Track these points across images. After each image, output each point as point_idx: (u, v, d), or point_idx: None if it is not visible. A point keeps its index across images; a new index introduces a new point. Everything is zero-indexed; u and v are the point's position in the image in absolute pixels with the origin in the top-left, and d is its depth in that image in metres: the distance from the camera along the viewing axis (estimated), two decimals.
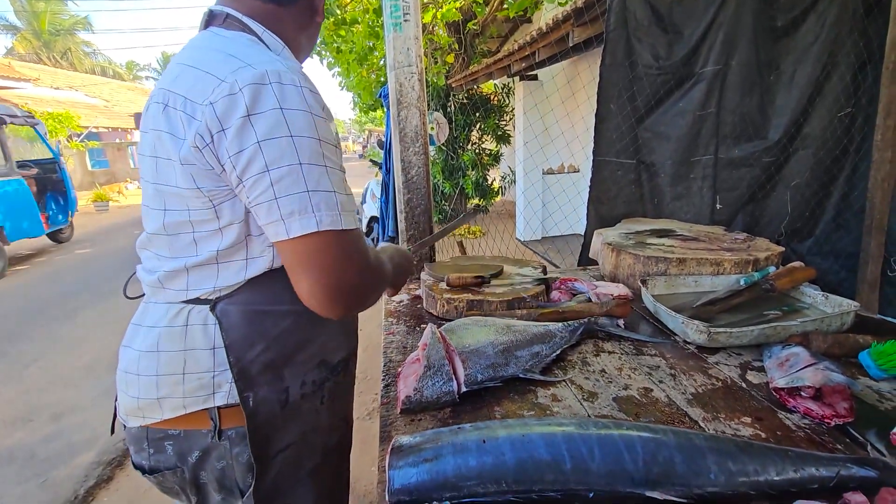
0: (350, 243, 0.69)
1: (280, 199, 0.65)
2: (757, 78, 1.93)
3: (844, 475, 0.65)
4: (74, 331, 4.13)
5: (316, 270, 0.67)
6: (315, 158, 0.66)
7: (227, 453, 0.80)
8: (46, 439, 2.61)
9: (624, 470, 0.64)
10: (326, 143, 0.68)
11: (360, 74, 7.72)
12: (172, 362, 0.76)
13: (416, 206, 1.76)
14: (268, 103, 0.64)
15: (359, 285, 0.70)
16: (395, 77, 1.64)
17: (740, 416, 0.86)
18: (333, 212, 0.67)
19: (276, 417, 0.80)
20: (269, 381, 0.79)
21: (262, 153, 0.64)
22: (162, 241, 0.77)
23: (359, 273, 0.70)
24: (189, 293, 0.77)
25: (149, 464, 0.81)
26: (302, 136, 0.65)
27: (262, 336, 0.78)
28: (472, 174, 7.54)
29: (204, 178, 0.69)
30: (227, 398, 0.78)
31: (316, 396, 0.87)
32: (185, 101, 0.67)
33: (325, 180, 0.67)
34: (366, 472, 2.25)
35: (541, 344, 1.06)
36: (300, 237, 0.66)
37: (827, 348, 1.02)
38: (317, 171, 0.66)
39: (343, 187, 0.70)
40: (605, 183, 2.09)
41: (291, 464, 0.85)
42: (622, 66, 1.96)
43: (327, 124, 0.70)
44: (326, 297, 0.67)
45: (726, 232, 1.84)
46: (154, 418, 0.78)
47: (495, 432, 0.69)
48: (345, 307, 0.69)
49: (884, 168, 1.83)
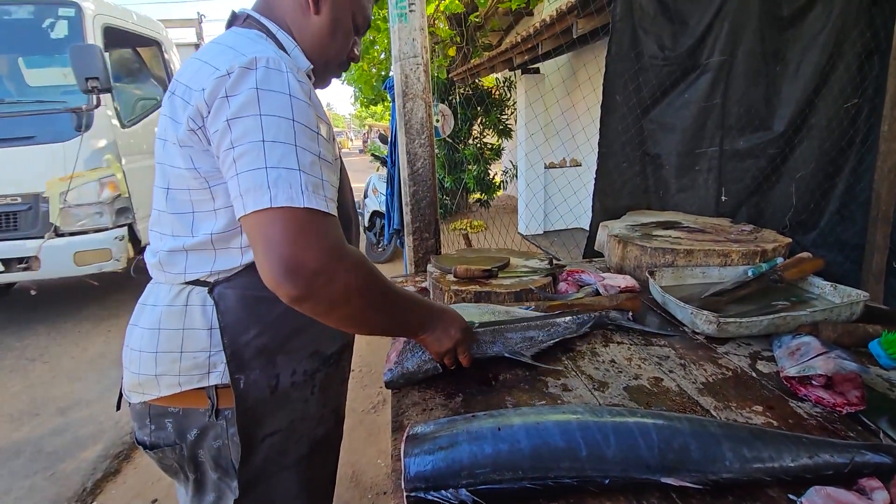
0: (312, 223, 0.65)
1: (240, 175, 0.65)
2: (762, 68, 1.92)
3: (859, 461, 0.65)
4: (79, 326, 4.13)
5: (265, 245, 0.64)
6: (281, 137, 0.65)
7: (223, 433, 0.83)
8: (53, 433, 2.62)
9: (639, 457, 0.64)
10: (302, 126, 0.67)
11: (360, 68, 7.69)
12: (172, 340, 0.79)
13: (421, 199, 1.76)
14: (247, 84, 0.66)
15: (319, 271, 0.63)
16: (401, 68, 1.63)
17: (751, 405, 0.86)
18: (293, 190, 0.64)
19: (264, 402, 0.83)
20: (262, 365, 0.82)
21: (230, 130, 0.66)
22: (166, 219, 0.81)
23: (320, 256, 0.64)
24: (187, 275, 0.80)
25: (150, 440, 0.84)
26: (271, 115, 0.65)
27: (256, 321, 0.80)
28: (473, 168, 7.53)
29: (200, 159, 0.73)
30: (221, 378, 0.80)
31: (307, 386, 0.89)
32: (185, 89, 0.72)
33: (290, 159, 0.65)
34: (372, 464, 2.26)
35: (537, 330, 1.06)
36: (253, 213, 0.64)
37: (837, 338, 1.02)
38: (280, 149, 0.65)
39: (316, 170, 0.68)
40: (610, 175, 2.09)
41: (278, 450, 0.87)
42: (628, 58, 1.95)
43: (310, 111, 0.70)
44: (277, 273, 0.63)
45: (732, 223, 1.83)
46: (152, 395, 0.82)
47: (510, 420, 0.69)
48: (297, 289, 0.63)
49: (891, 159, 1.83)
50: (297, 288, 0.63)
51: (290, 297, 0.64)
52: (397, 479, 0.68)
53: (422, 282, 1.64)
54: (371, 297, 0.71)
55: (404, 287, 1.60)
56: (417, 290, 1.56)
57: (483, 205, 7.94)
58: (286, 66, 0.70)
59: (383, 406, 2.75)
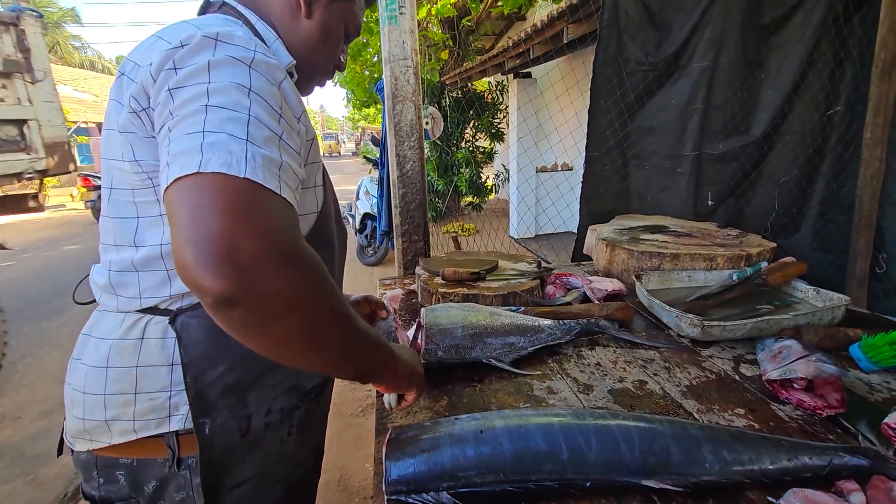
0: (255, 199, 0.48)
1: (171, 143, 0.51)
2: (743, 75, 1.95)
3: (837, 464, 0.66)
4: (63, 327, 4.07)
5: (186, 218, 0.46)
6: (230, 104, 0.52)
7: (186, 483, 0.72)
8: (35, 437, 2.58)
9: (620, 459, 0.64)
10: (260, 98, 0.55)
11: (353, 70, 7.69)
12: (123, 380, 0.68)
13: (411, 201, 1.76)
14: (200, 57, 0.56)
15: (259, 260, 0.46)
16: (391, 71, 1.63)
17: (734, 408, 0.87)
18: (233, 157, 0.48)
19: (233, 449, 0.72)
20: (230, 406, 0.70)
21: (172, 100, 0.54)
22: (108, 226, 0.70)
23: (262, 242, 0.46)
24: (143, 301, 0.68)
25: (98, 494, 0.74)
26: (222, 82, 0.54)
27: (226, 354, 0.69)
28: (465, 172, 7.55)
29: (142, 149, 0.62)
30: (184, 422, 0.69)
31: (283, 426, 0.79)
32: (133, 66, 0.63)
33: (237, 126, 0.51)
34: (360, 468, 2.25)
35: (519, 336, 1.06)
36: (176, 182, 0.48)
37: (819, 341, 1.03)
38: (225, 114, 0.51)
39: (272, 148, 0.53)
40: (597, 179, 2.10)
41: (248, 501, 0.77)
42: (614, 63, 1.97)
43: (273, 89, 0.58)
44: (199, 256, 0.45)
45: (719, 228, 1.85)
46: (102, 442, 0.70)
47: (492, 423, 0.69)
48: (225, 282, 0.45)
49: (873, 165, 1.85)
50: (225, 281, 0.45)
51: (214, 296, 0.45)
52: (379, 483, 0.67)
53: (410, 284, 1.64)
54: (325, 313, 0.53)
55: (389, 289, 1.59)
56: (406, 293, 1.55)
57: (475, 208, 7.96)
58: (257, 47, 0.60)
59: (372, 409, 2.74)
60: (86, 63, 30.76)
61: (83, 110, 16.89)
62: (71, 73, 21.58)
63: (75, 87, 19.51)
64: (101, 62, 33.34)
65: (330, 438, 1.08)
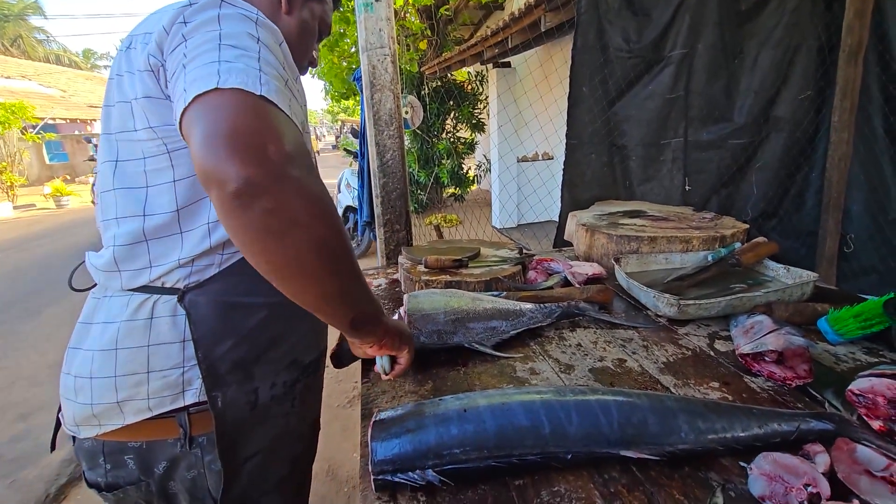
0: (273, 112, 0.52)
1: (187, 74, 0.54)
2: (722, 62, 1.99)
3: (804, 429, 0.69)
4: (38, 329, 3.97)
5: (211, 120, 0.49)
6: (242, 45, 0.56)
7: (198, 462, 0.74)
8: (14, 439, 2.52)
9: (600, 432, 0.66)
10: (267, 48, 0.59)
11: (330, 61, 7.57)
12: (134, 360, 0.69)
13: (392, 191, 1.75)
14: (209, 12, 0.60)
15: (286, 157, 0.49)
16: (368, 59, 1.62)
17: (709, 382, 0.90)
18: (249, 77, 0.52)
19: (244, 421, 0.74)
20: (239, 380, 0.73)
21: (186, 43, 0.58)
22: (110, 200, 0.70)
23: (284, 145, 0.49)
24: (152, 270, 0.69)
25: (105, 480, 0.74)
26: (233, 29, 0.58)
27: (232, 331, 0.71)
28: (447, 163, 7.53)
29: (157, 114, 0.64)
30: (198, 395, 0.71)
31: (287, 399, 0.81)
32: (144, 35, 0.65)
33: (250, 60, 0.54)
34: (348, 458, 2.26)
35: (501, 320, 1.08)
36: (194, 101, 0.51)
37: (789, 316, 1.07)
38: (238, 52, 0.55)
39: (280, 84, 0.56)
40: (578, 166, 2.12)
41: (259, 473, 0.79)
42: (594, 50, 1.99)
43: (277, 45, 0.62)
44: (228, 145, 0.47)
45: (695, 212, 1.89)
46: (113, 424, 0.70)
47: (476, 402, 0.70)
48: (256, 168, 0.46)
49: (840, 148, 1.91)
50: (256, 168, 0.46)
51: (242, 180, 0.46)
52: (366, 464, 0.68)
53: (393, 273, 1.64)
54: (339, 237, 0.55)
55: (372, 279, 1.59)
56: (389, 282, 1.56)
57: (457, 199, 7.96)
58: (257, 12, 0.64)
59: (358, 401, 2.74)
60: (51, 57, 29.63)
61: (50, 106, 16.31)
62: (36, 68, 20.80)
63: (41, 82, 18.81)
64: (68, 56, 32.17)
65: None
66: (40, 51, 28.81)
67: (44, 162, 16.13)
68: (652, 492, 0.63)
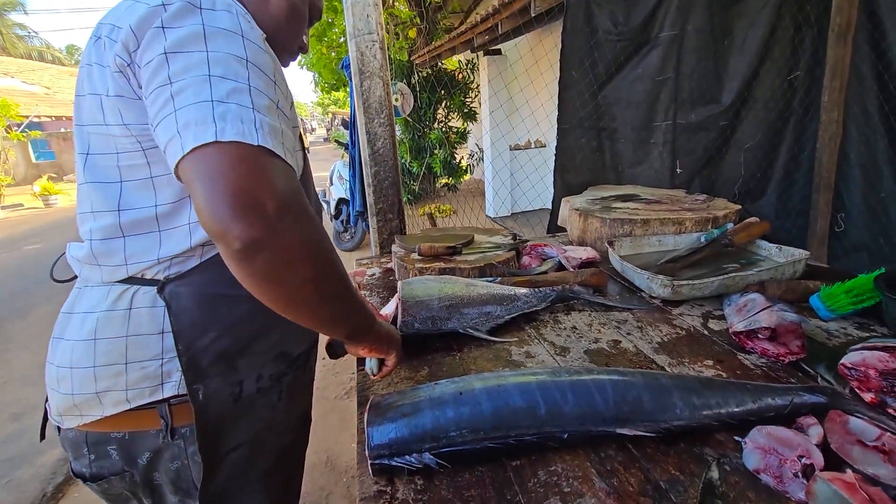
0: (270, 164, 0.53)
1: (178, 112, 0.53)
2: (711, 43, 1.98)
3: (797, 402, 0.69)
4: (28, 329, 3.93)
5: (211, 178, 0.51)
6: (231, 74, 0.55)
7: (181, 453, 0.73)
8: (7, 440, 2.50)
9: (595, 411, 0.66)
10: (257, 69, 0.58)
11: (319, 52, 7.48)
12: (113, 350, 0.68)
13: (383, 179, 1.74)
14: (191, 20, 0.57)
15: (282, 210, 0.52)
16: (356, 46, 1.60)
17: (703, 360, 0.90)
18: (244, 125, 0.53)
19: (227, 414, 0.74)
20: (222, 372, 0.72)
21: (168, 65, 0.55)
22: (85, 192, 0.69)
23: (282, 196, 0.52)
24: (129, 267, 0.68)
25: (90, 471, 0.74)
26: (220, 51, 0.56)
27: (215, 322, 0.70)
28: (439, 153, 7.49)
29: (130, 112, 0.62)
30: (177, 388, 0.70)
31: (273, 392, 0.80)
32: (111, 28, 0.62)
33: (242, 96, 0.54)
34: (346, 449, 2.26)
35: (495, 305, 1.07)
36: (193, 150, 0.51)
37: (781, 294, 1.07)
38: (230, 85, 0.54)
39: (273, 116, 0.57)
40: (569, 151, 2.12)
41: (242, 465, 0.78)
42: (583, 33, 1.97)
43: (266, 58, 0.61)
44: (228, 207, 0.50)
45: (687, 194, 1.90)
46: (93, 416, 0.70)
47: (471, 385, 0.70)
48: (255, 228, 0.50)
49: (830, 128, 1.92)
50: (256, 229, 0.50)
51: (245, 241, 0.50)
52: (363, 450, 0.68)
53: (387, 263, 1.64)
54: (333, 266, 0.60)
55: (367, 268, 1.58)
56: (383, 271, 1.55)
57: (451, 189, 7.93)
58: (238, 10, 0.61)
59: (355, 392, 2.75)
60: (33, 53, 29.03)
61: (34, 103, 16.02)
62: (18, 65, 20.39)
63: (24, 80, 18.46)
64: (50, 52, 31.54)
65: (315, 421, 1.08)
66: (21, 47, 28.18)
67: (30, 161, 15.87)
68: (648, 468, 0.63)
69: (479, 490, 0.62)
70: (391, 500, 0.61)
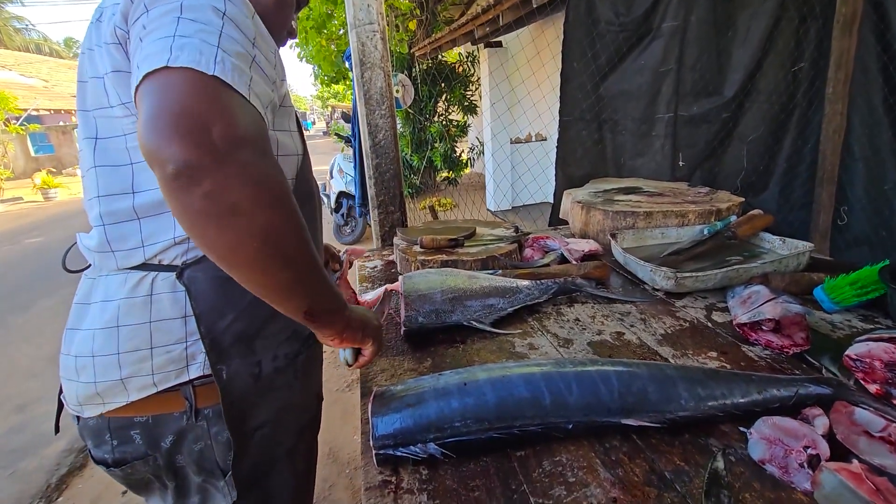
0: (225, 94, 0.49)
1: (142, 49, 0.52)
2: (714, 34, 1.96)
3: (803, 393, 0.69)
4: (30, 322, 3.94)
5: (156, 99, 0.48)
6: (203, 20, 0.53)
7: (204, 434, 0.74)
8: (11, 431, 2.51)
9: (600, 401, 0.66)
10: (233, 23, 0.55)
11: (318, 44, 7.42)
12: (137, 337, 0.69)
13: (385, 171, 1.73)
14: None
15: (232, 140, 0.47)
16: (357, 36, 1.58)
17: (707, 352, 0.90)
18: (203, 56, 0.49)
19: (249, 393, 0.75)
20: (241, 353, 0.73)
21: (147, 13, 0.55)
22: (93, 177, 0.68)
23: (233, 128, 0.48)
24: (146, 250, 0.68)
25: (112, 457, 0.75)
26: (195, 2, 0.54)
27: (230, 305, 0.71)
28: (440, 146, 7.46)
29: (126, 87, 0.61)
30: (202, 369, 0.71)
31: (289, 370, 0.82)
32: (112, 5, 0.62)
33: (209, 36, 0.52)
34: (349, 441, 2.27)
35: (498, 297, 1.07)
36: (146, 77, 0.49)
37: (785, 286, 1.07)
38: (197, 26, 0.52)
39: (244, 62, 0.54)
40: (571, 143, 2.11)
41: (269, 443, 0.80)
42: (584, 24, 1.95)
43: (248, 21, 0.59)
44: (168, 126, 0.46)
45: (689, 187, 1.89)
46: (117, 402, 0.70)
47: (475, 375, 0.70)
48: (195, 149, 0.45)
49: (835, 120, 1.90)
50: (196, 150, 0.45)
51: (181, 162, 0.45)
52: (367, 440, 0.68)
53: (388, 255, 1.63)
54: (291, 226, 0.54)
55: (368, 261, 1.58)
56: (384, 263, 1.55)
57: (451, 183, 7.91)
58: None
59: (357, 384, 2.75)
60: (31, 46, 28.85)
61: (33, 97, 15.95)
62: (16, 58, 20.28)
63: (22, 72, 18.36)
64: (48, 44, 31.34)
65: None
66: (18, 40, 28.00)
67: (29, 154, 15.83)
68: (653, 458, 0.63)
69: (483, 480, 0.62)
70: (396, 490, 0.62)
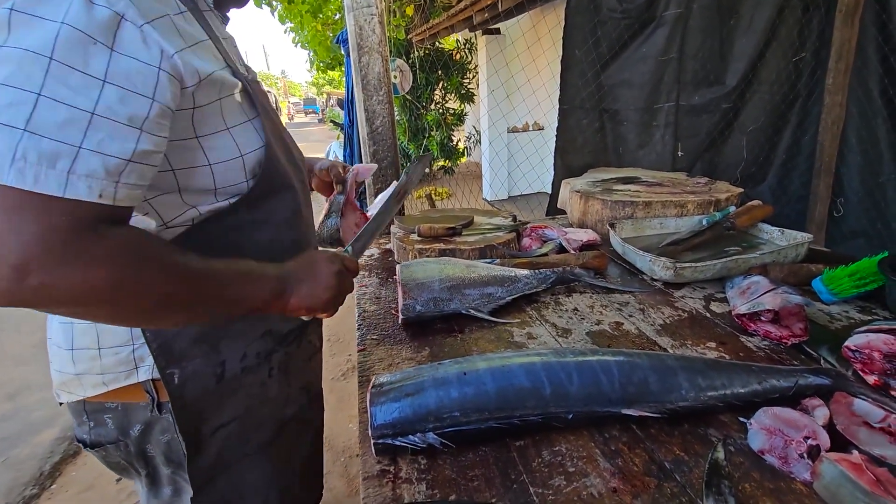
0: (17, 206, 0.45)
1: None
2: (717, 22, 1.94)
3: (802, 384, 0.69)
4: (19, 310, 3.88)
5: None
6: (18, 80, 0.45)
7: (170, 426, 0.73)
8: (2, 419, 2.49)
9: (601, 391, 0.66)
10: (66, 68, 0.47)
11: (314, 28, 7.30)
12: (86, 335, 0.68)
13: (382, 159, 1.71)
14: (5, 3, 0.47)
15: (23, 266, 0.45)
16: (354, 19, 1.55)
17: (705, 342, 0.90)
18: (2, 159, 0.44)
19: (209, 393, 0.73)
20: (203, 353, 0.71)
21: None
22: None
23: (26, 247, 0.45)
24: None
25: (90, 437, 0.75)
26: (17, 47, 0.46)
27: None
28: (436, 135, 7.39)
29: None
30: (151, 373, 0.69)
31: (262, 369, 0.80)
32: None
33: (17, 111, 0.45)
34: (344, 429, 2.28)
35: (496, 286, 1.07)
36: None
37: (784, 277, 1.07)
38: (9, 96, 0.45)
39: (70, 134, 0.47)
40: (570, 132, 2.09)
41: (236, 439, 0.78)
42: (587, 10, 1.92)
43: (95, 49, 0.48)
44: None
45: (689, 177, 1.88)
46: (77, 395, 0.71)
47: (475, 365, 0.69)
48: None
49: (834, 111, 1.89)
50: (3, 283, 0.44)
51: None
52: (366, 430, 0.67)
53: (386, 243, 1.62)
54: (144, 286, 0.52)
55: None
56: (381, 252, 1.53)
57: (447, 172, 7.86)
58: None
59: (352, 373, 2.75)
60: None
61: None
62: None
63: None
64: None
65: None
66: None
67: None
68: (653, 448, 0.63)
69: (483, 469, 0.61)
70: (394, 480, 0.61)
